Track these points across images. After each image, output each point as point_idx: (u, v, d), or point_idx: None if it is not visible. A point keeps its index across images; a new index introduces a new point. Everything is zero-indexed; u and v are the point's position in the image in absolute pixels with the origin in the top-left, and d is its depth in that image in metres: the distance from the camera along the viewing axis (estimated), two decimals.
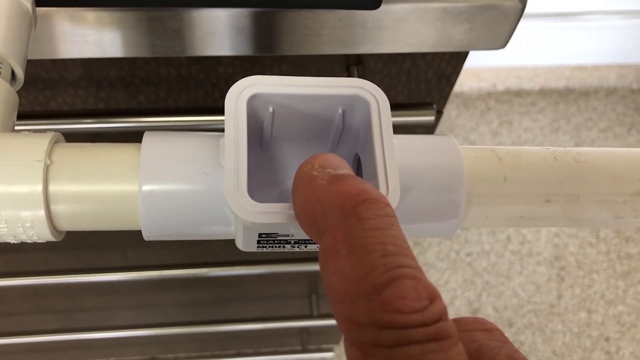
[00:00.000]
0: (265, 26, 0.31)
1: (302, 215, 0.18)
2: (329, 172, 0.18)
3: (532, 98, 1.48)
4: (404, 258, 0.15)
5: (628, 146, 1.43)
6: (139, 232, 0.22)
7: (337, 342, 1.02)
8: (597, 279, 1.31)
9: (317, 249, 0.22)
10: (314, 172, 0.18)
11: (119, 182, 0.21)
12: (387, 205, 0.17)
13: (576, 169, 0.22)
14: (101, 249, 0.63)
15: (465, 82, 1.49)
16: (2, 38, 0.23)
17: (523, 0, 0.31)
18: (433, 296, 0.15)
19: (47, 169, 0.20)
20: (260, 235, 0.21)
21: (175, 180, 0.21)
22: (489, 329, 0.17)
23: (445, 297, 1.28)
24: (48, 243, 0.61)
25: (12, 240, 0.21)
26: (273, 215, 0.19)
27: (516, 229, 1.34)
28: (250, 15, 0.31)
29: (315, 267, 0.61)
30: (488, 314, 1.27)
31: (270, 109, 0.22)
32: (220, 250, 0.65)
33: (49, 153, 0.21)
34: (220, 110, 0.40)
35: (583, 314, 1.28)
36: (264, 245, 0.22)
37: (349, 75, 0.39)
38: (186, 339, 0.91)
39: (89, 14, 0.31)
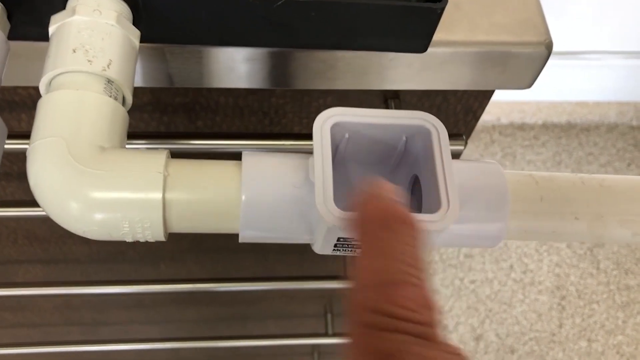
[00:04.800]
0: (325, 65, 0.35)
1: (355, 221, 0.22)
2: (379, 195, 0.22)
3: (535, 132, 1.54)
4: (416, 270, 0.20)
5: None
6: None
7: None
8: (597, 309, 1.35)
9: None
10: (370, 193, 0.22)
11: (224, 193, 0.25)
12: (416, 228, 0.21)
13: (600, 192, 0.26)
14: (137, 262, 0.66)
15: None
16: (120, 70, 0.27)
17: (549, 47, 0.35)
18: (429, 305, 0.19)
19: (165, 179, 0.24)
20: (338, 239, 0.25)
21: (270, 192, 0.25)
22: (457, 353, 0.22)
23: (449, 324, 1.32)
24: (88, 256, 0.65)
25: (129, 239, 0.25)
26: None
27: (519, 258, 1.38)
28: (312, 54, 0.35)
29: (333, 285, 0.65)
30: (491, 340, 1.30)
31: (347, 135, 0.26)
32: (247, 268, 0.69)
33: (166, 166, 0.25)
34: (268, 136, 0.44)
35: (583, 343, 1.31)
36: (339, 248, 0.26)
37: (387, 106, 0.43)
38: (201, 354, 0.94)
39: (167, 49, 0.35)
